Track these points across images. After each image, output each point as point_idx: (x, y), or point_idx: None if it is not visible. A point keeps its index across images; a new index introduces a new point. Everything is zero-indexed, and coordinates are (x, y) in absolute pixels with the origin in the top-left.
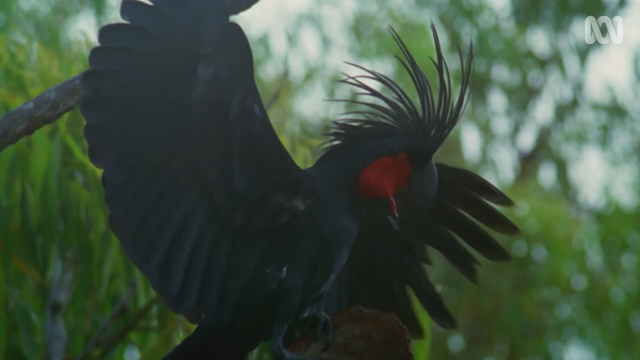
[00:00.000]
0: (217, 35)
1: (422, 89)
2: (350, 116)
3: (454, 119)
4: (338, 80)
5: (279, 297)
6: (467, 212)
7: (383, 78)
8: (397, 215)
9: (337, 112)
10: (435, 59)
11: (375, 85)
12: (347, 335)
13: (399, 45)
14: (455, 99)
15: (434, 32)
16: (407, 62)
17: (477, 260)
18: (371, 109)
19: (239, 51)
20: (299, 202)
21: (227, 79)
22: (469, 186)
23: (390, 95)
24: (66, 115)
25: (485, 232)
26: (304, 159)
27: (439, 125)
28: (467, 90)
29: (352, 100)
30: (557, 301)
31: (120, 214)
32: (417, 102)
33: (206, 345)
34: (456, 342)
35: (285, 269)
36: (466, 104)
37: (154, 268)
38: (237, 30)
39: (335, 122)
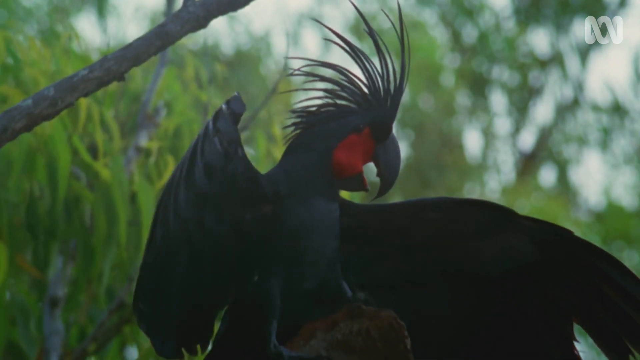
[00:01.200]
0: None
1: (364, 64)
2: (306, 103)
3: (402, 84)
4: (286, 74)
5: (258, 300)
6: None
7: (327, 63)
8: (369, 188)
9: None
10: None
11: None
12: (345, 332)
13: (358, 14)
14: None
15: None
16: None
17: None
18: (325, 94)
19: None
20: (264, 208)
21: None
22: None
23: (340, 79)
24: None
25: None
26: None
27: (390, 93)
28: (408, 54)
29: (311, 74)
30: None
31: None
32: (363, 78)
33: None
34: None
35: (256, 273)
36: (409, 68)
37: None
38: None
39: (293, 111)
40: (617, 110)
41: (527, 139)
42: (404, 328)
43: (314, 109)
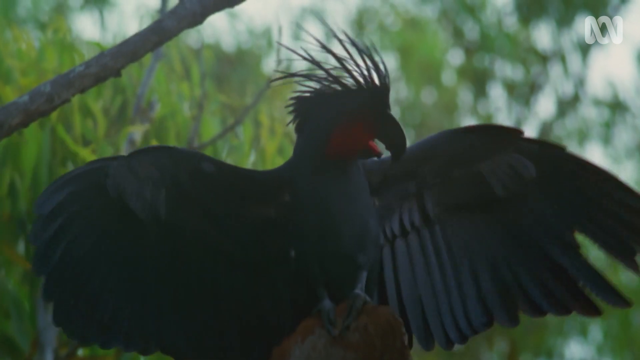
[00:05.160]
0: None
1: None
2: (304, 88)
3: (384, 65)
4: (274, 79)
5: (301, 273)
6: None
7: (315, 62)
8: (381, 152)
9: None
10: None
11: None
12: (342, 328)
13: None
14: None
15: None
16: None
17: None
18: (318, 81)
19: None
20: (280, 200)
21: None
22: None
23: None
24: None
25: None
26: None
27: (379, 73)
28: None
29: (295, 75)
30: None
31: None
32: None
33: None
34: None
35: (292, 250)
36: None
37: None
38: None
39: (291, 99)
40: (619, 105)
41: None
42: (402, 324)
43: (309, 94)
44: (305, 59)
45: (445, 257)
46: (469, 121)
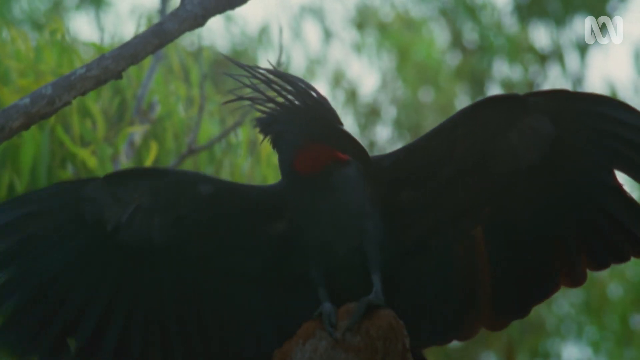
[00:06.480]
0: None
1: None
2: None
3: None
4: (228, 101)
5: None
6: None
7: (260, 76)
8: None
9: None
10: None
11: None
12: (344, 331)
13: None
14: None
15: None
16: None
17: None
18: (268, 102)
19: None
20: (278, 218)
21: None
22: None
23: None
24: None
25: None
26: None
27: (309, 96)
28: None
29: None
30: (555, 298)
31: None
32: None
33: None
34: None
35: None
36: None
37: None
38: None
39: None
40: None
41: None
42: (403, 327)
43: (267, 116)
44: (248, 86)
45: (502, 241)
46: None
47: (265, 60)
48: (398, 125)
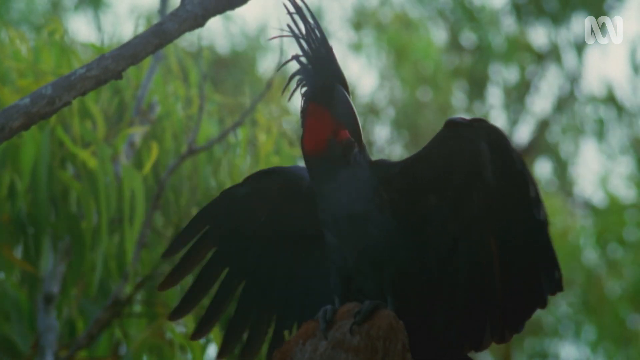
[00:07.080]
0: None
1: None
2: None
3: (323, 49)
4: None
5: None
6: None
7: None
8: (352, 139)
9: None
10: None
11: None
12: (344, 331)
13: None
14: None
15: None
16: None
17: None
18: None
19: None
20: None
21: None
22: None
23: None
24: None
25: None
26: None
27: (317, 61)
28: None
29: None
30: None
31: None
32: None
33: None
34: None
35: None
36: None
37: None
38: None
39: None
40: (614, 103)
41: (524, 133)
42: (403, 327)
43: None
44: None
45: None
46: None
47: (268, 56)
48: (396, 125)
